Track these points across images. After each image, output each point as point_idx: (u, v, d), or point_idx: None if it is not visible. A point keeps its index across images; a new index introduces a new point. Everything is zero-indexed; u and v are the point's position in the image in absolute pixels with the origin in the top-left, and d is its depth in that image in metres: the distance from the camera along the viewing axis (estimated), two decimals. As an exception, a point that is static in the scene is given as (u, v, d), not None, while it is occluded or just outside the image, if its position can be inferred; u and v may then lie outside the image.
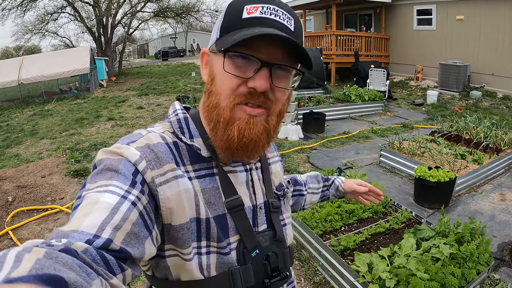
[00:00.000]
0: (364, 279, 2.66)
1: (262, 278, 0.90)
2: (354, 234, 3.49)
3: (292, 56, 0.80)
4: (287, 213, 1.06)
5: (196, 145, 0.86)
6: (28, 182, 5.67)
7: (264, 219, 0.95)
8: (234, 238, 0.86)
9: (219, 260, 0.83)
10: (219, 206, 0.85)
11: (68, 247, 0.51)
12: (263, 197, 0.96)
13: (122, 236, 0.62)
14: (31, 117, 11.41)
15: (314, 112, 8.43)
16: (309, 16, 21.42)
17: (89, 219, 0.60)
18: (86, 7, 22.94)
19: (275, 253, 0.93)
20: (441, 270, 2.58)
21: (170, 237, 0.78)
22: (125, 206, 0.65)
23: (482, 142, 6.14)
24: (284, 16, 0.79)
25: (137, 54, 58.92)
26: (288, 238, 1.03)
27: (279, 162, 1.12)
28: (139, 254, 0.65)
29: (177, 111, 0.92)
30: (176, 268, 0.82)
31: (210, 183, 0.86)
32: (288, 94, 0.87)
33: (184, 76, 21.31)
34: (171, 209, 0.76)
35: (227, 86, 0.79)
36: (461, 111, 10.44)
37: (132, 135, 0.83)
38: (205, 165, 0.86)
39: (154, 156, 0.77)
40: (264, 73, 0.76)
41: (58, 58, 15.63)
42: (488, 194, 5.08)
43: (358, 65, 13.63)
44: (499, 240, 3.89)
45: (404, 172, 5.78)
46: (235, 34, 0.75)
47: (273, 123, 0.83)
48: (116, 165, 0.72)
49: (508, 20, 11.38)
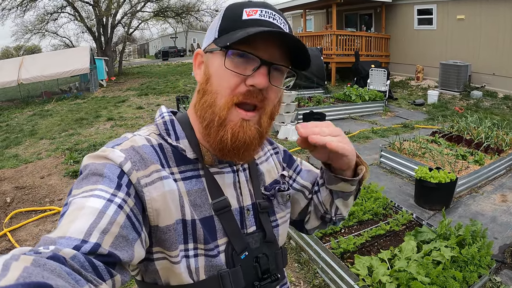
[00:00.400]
0: (364, 283, 2.64)
1: (252, 280, 0.89)
2: (354, 236, 3.47)
3: (288, 58, 0.82)
4: (281, 212, 1.02)
5: (182, 147, 0.86)
6: (26, 183, 5.66)
7: (253, 220, 0.94)
8: (222, 241, 0.85)
9: (208, 263, 0.82)
10: (206, 208, 0.84)
11: (56, 254, 0.50)
12: (251, 199, 0.95)
13: (111, 240, 0.61)
14: (30, 117, 11.41)
15: (314, 112, 8.41)
16: (309, 16, 21.43)
17: (76, 225, 0.60)
18: (86, 7, 23.00)
19: (266, 254, 0.92)
20: (442, 274, 2.55)
21: (157, 239, 0.78)
22: (111, 210, 0.65)
23: (483, 143, 6.11)
24: (280, 21, 0.82)
25: (137, 54, 59.04)
26: (280, 238, 1.01)
27: (272, 156, 1.09)
28: (128, 258, 0.64)
29: (163, 114, 0.92)
30: (165, 272, 0.81)
31: (196, 184, 0.85)
32: (280, 96, 0.87)
33: (184, 76, 21.33)
34: (157, 210, 0.75)
35: (225, 85, 0.79)
36: (462, 111, 10.41)
37: (118, 139, 0.83)
38: (191, 166, 0.86)
39: (139, 157, 0.77)
40: (263, 71, 0.77)
41: (58, 58, 15.65)
42: (489, 195, 5.05)
43: (358, 65, 13.61)
44: (500, 242, 3.86)
45: (404, 173, 5.75)
46: (237, 32, 0.77)
47: (265, 124, 0.84)
48: (101, 169, 0.72)
49: (509, 20, 11.35)
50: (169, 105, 11.96)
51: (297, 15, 22.54)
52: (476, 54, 12.51)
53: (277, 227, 1.00)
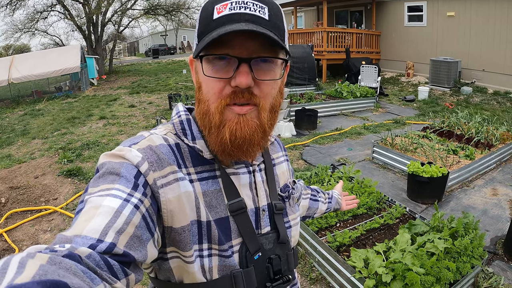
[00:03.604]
0: (360, 275, 2.68)
1: (264, 281, 0.89)
2: (349, 230, 3.52)
3: (273, 45, 0.77)
4: (293, 214, 1.04)
5: (198, 147, 0.86)
6: (21, 183, 5.63)
7: (268, 221, 0.94)
8: (237, 241, 0.86)
9: (221, 263, 0.83)
10: (221, 209, 0.85)
11: (71, 253, 0.50)
12: (266, 199, 0.95)
13: (126, 240, 0.62)
14: (22, 117, 11.30)
15: (306, 109, 8.43)
16: (300, 13, 21.44)
17: (92, 224, 0.60)
18: (76, 5, 22.79)
19: (278, 255, 0.93)
20: (436, 265, 2.61)
21: (171, 239, 0.78)
22: (128, 210, 0.65)
23: (474, 138, 6.21)
24: (256, 7, 0.76)
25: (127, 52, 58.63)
26: (292, 240, 1.02)
27: (285, 162, 1.11)
28: (142, 258, 0.65)
29: (180, 113, 0.92)
30: (179, 270, 0.82)
31: (213, 185, 0.85)
32: (279, 87, 0.85)
33: (175, 73, 21.25)
34: (172, 211, 0.76)
35: (212, 92, 0.79)
36: (452, 106, 10.52)
37: (134, 137, 0.83)
38: (207, 167, 0.86)
39: (156, 157, 0.77)
40: (244, 69, 0.75)
41: (48, 57, 15.47)
42: (480, 189, 5.13)
43: (349, 61, 13.68)
44: (492, 234, 3.94)
45: (397, 168, 5.82)
46: (207, 36, 0.75)
47: (266, 118, 0.81)
48: (118, 168, 0.72)
49: (499, 16, 11.48)
50: (161, 103, 11.93)
51: (288, 12, 22.53)
52: (466, 51, 12.63)
53: (290, 228, 1.02)
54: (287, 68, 0.87)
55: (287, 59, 0.83)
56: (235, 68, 0.75)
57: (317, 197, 1.42)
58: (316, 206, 1.40)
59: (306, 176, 4.65)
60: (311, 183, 4.52)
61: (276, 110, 0.86)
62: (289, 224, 1.02)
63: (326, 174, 4.69)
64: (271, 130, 0.86)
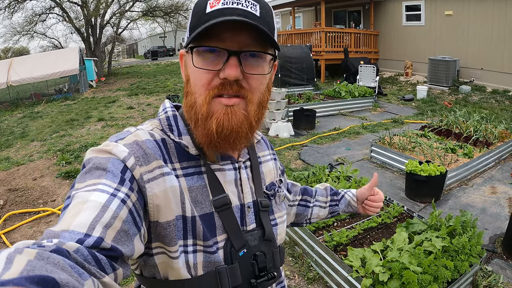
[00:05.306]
0: (357, 274, 2.68)
1: (249, 277, 0.90)
2: (346, 229, 3.52)
3: (263, 41, 0.79)
4: (279, 212, 1.05)
5: (184, 143, 0.86)
6: (19, 185, 5.63)
7: (253, 218, 0.95)
8: (222, 237, 0.86)
9: (206, 259, 0.83)
10: (206, 205, 0.85)
11: (59, 248, 0.50)
12: (251, 196, 0.95)
13: (113, 234, 0.62)
14: (20, 119, 11.29)
15: (304, 109, 8.43)
16: (298, 13, 21.47)
17: (79, 218, 0.60)
18: (75, 8, 22.70)
19: (264, 252, 0.93)
20: (434, 263, 2.60)
21: (157, 234, 0.78)
22: (115, 204, 0.66)
23: (472, 136, 6.21)
24: (248, 3, 0.77)
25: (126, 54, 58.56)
26: (279, 238, 1.03)
27: (272, 160, 1.11)
28: (130, 252, 0.65)
29: (166, 109, 0.92)
30: (164, 266, 0.82)
31: (198, 181, 0.86)
32: (267, 84, 0.87)
33: (174, 75, 21.21)
34: (158, 206, 0.76)
35: (200, 84, 0.79)
36: (451, 105, 10.51)
37: (121, 133, 0.83)
38: (193, 163, 0.87)
39: (143, 152, 0.78)
40: (233, 62, 0.76)
41: (47, 60, 15.43)
42: (479, 187, 5.13)
43: (347, 61, 13.67)
44: (490, 232, 3.93)
45: (395, 167, 5.82)
46: (197, 30, 0.76)
47: (253, 112, 0.82)
48: (105, 163, 0.73)
49: (497, 15, 11.49)
50: (160, 105, 11.88)
51: (286, 13, 22.59)
52: (465, 49, 12.64)
53: (276, 226, 1.02)
54: (275, 65, 0.88)
55: (275, 55, 0.84)
56: (224, 60, 0.76)
57: (310, 203, 1.36)
58: (306, 212, 1.35)
59: (304, 175, 4.64)
60: (308, 182, 4.51)
61: (264, 106, 0.87)
62: (275, 222, 1.02)
63: (323, 174, 4.68)
64: (257, 125, 0.87)
